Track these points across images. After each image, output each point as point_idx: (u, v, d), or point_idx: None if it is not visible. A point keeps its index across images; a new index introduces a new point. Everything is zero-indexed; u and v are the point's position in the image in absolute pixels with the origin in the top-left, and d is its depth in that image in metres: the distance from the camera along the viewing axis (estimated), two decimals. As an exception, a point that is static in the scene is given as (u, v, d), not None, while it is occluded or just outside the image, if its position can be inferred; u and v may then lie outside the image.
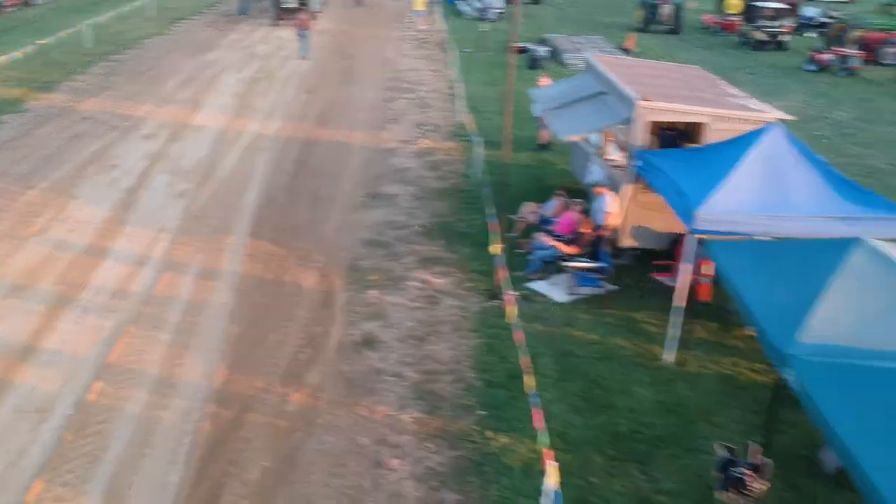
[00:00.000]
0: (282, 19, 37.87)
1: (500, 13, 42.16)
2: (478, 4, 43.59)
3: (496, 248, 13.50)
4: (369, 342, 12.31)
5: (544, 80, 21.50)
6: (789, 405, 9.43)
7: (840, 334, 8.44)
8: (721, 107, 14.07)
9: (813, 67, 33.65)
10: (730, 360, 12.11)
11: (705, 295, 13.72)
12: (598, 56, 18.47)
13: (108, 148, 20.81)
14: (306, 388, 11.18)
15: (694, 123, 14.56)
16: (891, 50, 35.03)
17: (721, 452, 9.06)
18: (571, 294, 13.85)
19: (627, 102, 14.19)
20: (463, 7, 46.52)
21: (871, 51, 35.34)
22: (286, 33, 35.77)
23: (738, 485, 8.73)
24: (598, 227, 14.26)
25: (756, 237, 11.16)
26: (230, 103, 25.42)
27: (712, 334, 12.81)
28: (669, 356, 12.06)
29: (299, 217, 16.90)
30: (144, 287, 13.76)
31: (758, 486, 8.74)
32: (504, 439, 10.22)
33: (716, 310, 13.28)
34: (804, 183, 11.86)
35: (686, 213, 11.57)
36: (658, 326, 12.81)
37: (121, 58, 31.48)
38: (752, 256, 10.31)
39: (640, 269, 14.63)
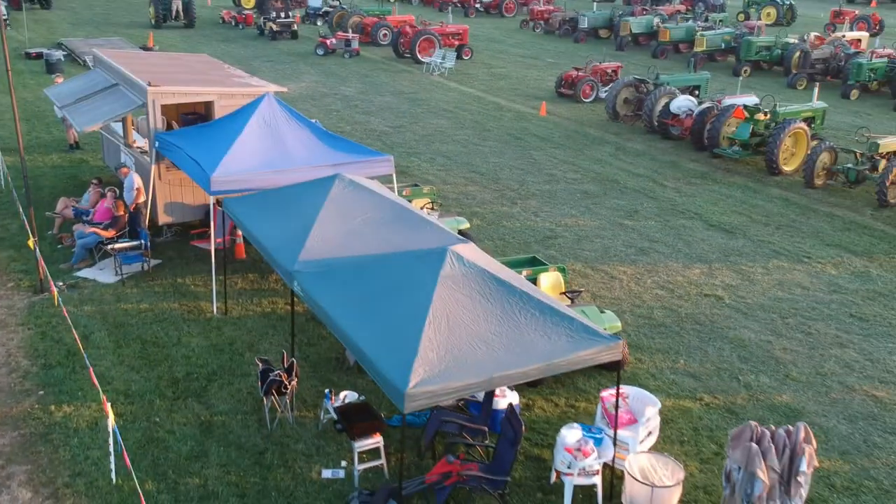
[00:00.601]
0: None
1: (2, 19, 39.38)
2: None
3: (31, 243, 13.72)
4: None
5: (59, 79, 21.41)
6: (321, 326, 11.56)
7: (331, 248, 10.68)
8: (224, 86, 15.83)
9: (322, 52, 37.46)
10: (268, 301, 14.03)
11: (241, 254, 15.59)
12: (106, 50, 19.08)
13: None
14: None
15: (207, 104, 16.12)
16: (383, 32, 40.34)
17: (260, 365, 10.85)
18: (118, 275, 14.64)
19: (138, 89, 15.26)
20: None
21: (367, 34, 40.34)
22: None
23: (276, 386, 10.60)
24: (130, 207, 15.17)
25: (264, 189, 13.10)
26: None
27: (251, 284, 14.63)
28: (215, 307, 13.60)
29: None
30: None
31: (291, 385, 10.70)
32: (68, 409, 10.89)
33: (252, 263, 15.16)
34: (299, 140, 14.16)
35: (203, 180, 13.12)
36: (203, 286, 14.28)
37: None
38: (260, 205, 12.22)
39: (181, 241, 15.91)
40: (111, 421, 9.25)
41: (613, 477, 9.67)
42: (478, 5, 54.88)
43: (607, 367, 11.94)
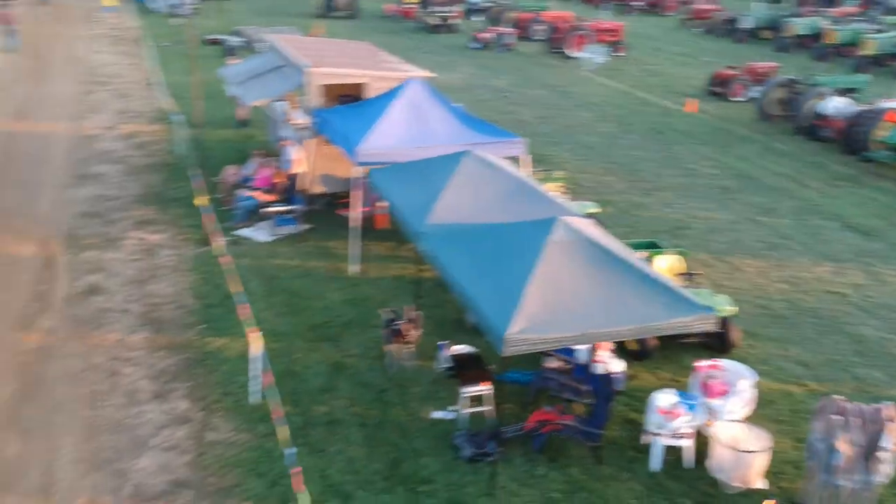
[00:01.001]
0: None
1: (193, 8, 43.24)
2: (171, 0, 44.36)
3: (202, 201, 15.58)
4: (94, 290, 13.97)
5: (234, 61, 23.66)
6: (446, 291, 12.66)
7: (455, 215, 11.71)
8: (377, 70, 17.22)
9: (477, 45, 38.73)
10: (400, 266, 15.28)
11: (381, 223, 16.93)
12: (277, 36, 21.00)
13: None
14: (40, 331, 12.67)
15: (362, 86, 17.57)
16: (537, 27, 41.14)
17: (386, 315, 12.05)
18: (273, 235, 16.33)
19: (301, 70, 16.90)
20: (153, 4, 46.90)
21: (523, 29, 41.27)
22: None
23: (399, 335, 11.77)
24: (288, 176, 16.85)
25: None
26: (-88, 106, 24.75)
27: (388, 250, 15.94)
28: (354, 268, 14.99)
29: (7, 201, 17.74)
30: None
31: (413, 333, 11.84)
32: (222, 341, 12.52)
33: (390, 233, 16.47)
34: (440, 121, 15.30)
35: (351, 151, 14.51)
36: (345, 249, 15.69)
37: None
38: (398, 174, 13.43)
39: (329, 210, 17.48)
40: (259, 347, 10.70)
41: (702, 443, 10.16)
42: (637, 3, 54.56)
43: (715, 347, 12.41)
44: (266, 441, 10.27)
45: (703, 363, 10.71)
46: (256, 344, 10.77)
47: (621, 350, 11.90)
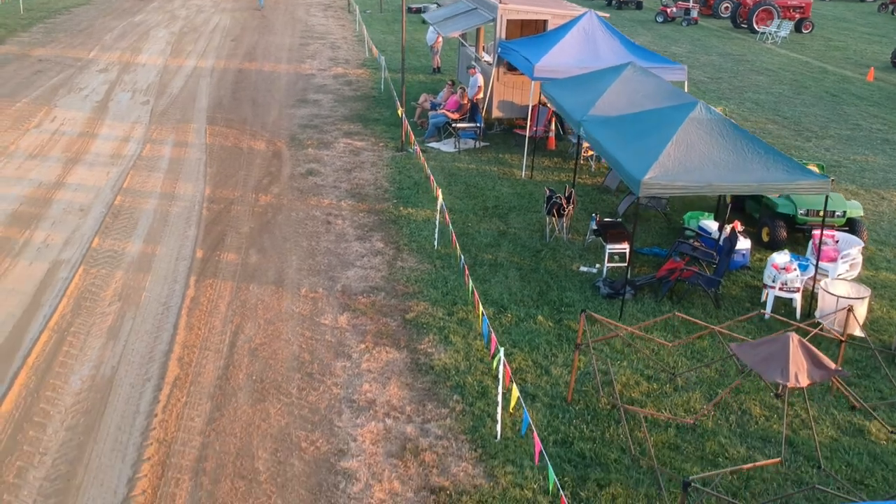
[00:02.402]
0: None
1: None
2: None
3: (399, 112, 18.46)
4: (312, 173, 17.15)
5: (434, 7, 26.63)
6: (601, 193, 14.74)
7: (611, 109, 13.78)
8: (558, 9, 19.47)
9: (661, 19, 39.96)
10: (564, 174, 17.45)
11: (552, 145, 19.17)
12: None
13: (70, 78, 24.79)
14: (271, 195, 15.92)
15: (543, 22, 19.86)
16: (725, 5, 41.70)
17: (547, 192, 14.29)
18: (457, 147, 18.98)
19: (491, 8, 19.43)
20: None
21: (709, 6, 41.97)
22: (202, 0, 39.78)
23: (556, 209, 13.98)
24: (472, 99, 19.45)
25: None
26: (166, 48, 29.58)
27: (554, 163, 18.15)
28: (523, 173, 17.33)
29: (244, 113, 21.49)
30: (133, 152, 18.18)
31: (569, 208, 14.02)
32: (411, 210, 15.24)
33: (558, 153, 18.67)
34: (609, 47, 17.34)
35: (529, 69, 16.85)
36: (518, 161, 18.07)
37: (55, 20, 35.04)
38: (568, 84, 15.62)
39: (505, 134, 19.91)
40: (440, 199, 13.29)
41: (811, 300, 11.69)
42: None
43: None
44: (442, 270, 12.83)
45: (818, 231, 12.18)
46: (440, 195, 13.36)
47: (756, 240, 13.52)
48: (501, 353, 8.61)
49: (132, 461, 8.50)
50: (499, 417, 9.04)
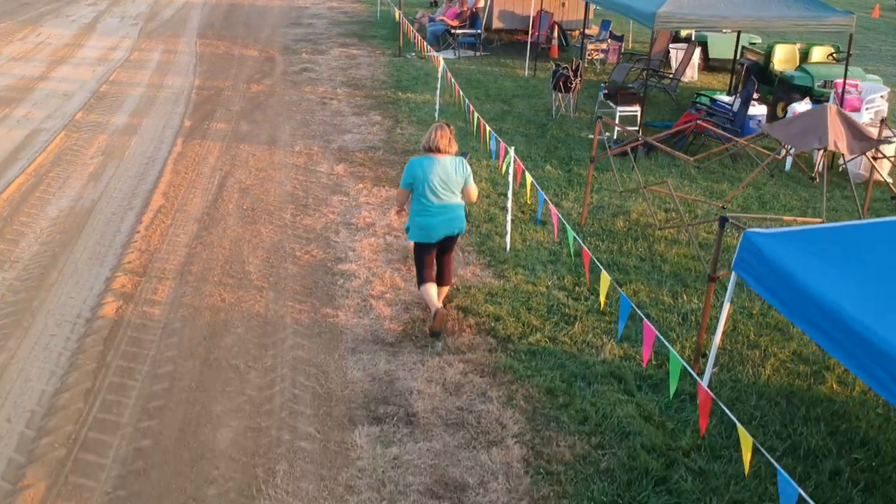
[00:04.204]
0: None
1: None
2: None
3: (397, 15, 17.82)
4: (306, 69, 16.49)
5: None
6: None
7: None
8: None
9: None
10: (569, 73, 16.82)
11: (554, 53, 18.53)
12: None
13: (59, 8, 24.08)
14: (263, 85, 15.26)
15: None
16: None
17: (553, 66, 13.65)
18: (456, 55, 18.33)
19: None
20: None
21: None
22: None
23: (563, 82, 13.34)
24: (472, 9, 18.81)
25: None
26: (157, -11, 28.87)
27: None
28: (526, 72, 16.69)
29: (236, 32, 20.82)
30: (121, 56, 17.50)
31: (576, 81, 13.37)
32: (409, 95, 14.59)
33: (561, 59, 18.03)
34: None
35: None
36: (520, 64, 17.43)
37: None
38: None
39: (506, 44, 19.28)
40: (441, 65, 12.64)
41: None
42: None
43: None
44: (444, 135, 12.16)
45: (840, 80, 11.57)
46: (442, 62, 12.71)
47: (772, 117, 12.91)
48: (512, 152, 7.98)
49: (111, 266, 7.84)
50: (508, 229, 8.40)
